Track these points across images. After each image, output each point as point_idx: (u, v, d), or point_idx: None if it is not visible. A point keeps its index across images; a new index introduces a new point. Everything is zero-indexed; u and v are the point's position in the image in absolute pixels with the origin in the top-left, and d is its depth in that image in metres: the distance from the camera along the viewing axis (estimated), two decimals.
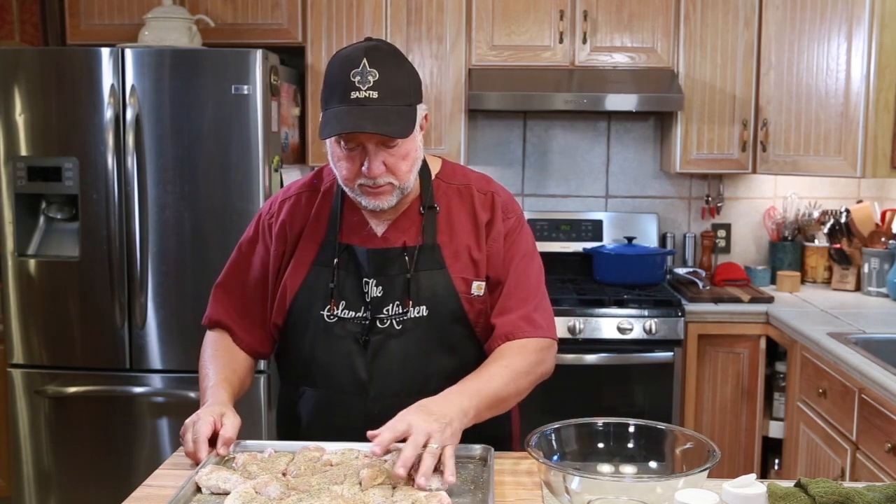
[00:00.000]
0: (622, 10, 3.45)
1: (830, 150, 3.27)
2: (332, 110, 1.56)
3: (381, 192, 1.62)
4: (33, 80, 3.04)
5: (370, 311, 1.68)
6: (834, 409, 2.63)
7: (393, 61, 1.58)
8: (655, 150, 3.84)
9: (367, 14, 3.46)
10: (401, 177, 1.62)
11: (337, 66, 1.57)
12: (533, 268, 1.74)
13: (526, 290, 1.70)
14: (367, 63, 1.54)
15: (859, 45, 3.14)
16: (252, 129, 3.00)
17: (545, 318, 1.71)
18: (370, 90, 1.53)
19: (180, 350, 3.07)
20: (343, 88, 1.54)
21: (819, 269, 3.72)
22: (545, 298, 1.74)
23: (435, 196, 1.73)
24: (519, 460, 1.56)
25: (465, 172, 1.80)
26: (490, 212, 1.74)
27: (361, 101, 1.53)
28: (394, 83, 1.56)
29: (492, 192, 1.77)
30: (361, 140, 1.57)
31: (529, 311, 1.68)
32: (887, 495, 1.31)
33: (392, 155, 1.59)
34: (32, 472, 3.15)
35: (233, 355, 1.77)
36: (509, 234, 1.73)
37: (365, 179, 1.60)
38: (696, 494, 1.21)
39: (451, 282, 1.68)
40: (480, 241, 1.71)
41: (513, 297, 1.69)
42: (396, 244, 1.69)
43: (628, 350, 3.21)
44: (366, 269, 1.69)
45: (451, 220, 1.72)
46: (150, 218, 3.04)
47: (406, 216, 1.71)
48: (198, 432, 1.52)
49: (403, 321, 1.67)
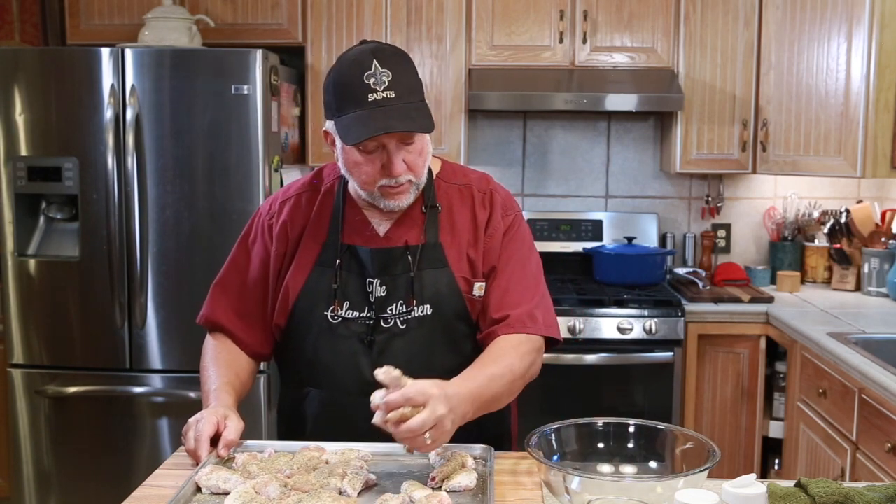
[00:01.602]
0: (622, 10, 3.45)
1: (830, 150, 3.27)
2: (352, 115, 1.55)
3: (401, 192, 1.63)
4: (33, 80, 3.04)
5: (374, 310, 1.68)
6: (834, 409, 2.63)
7: (401, 60, 1.59)
8: (655, 150, 3.84)
9: (367, 14, 3.46)
10: (418, 173, 1.64)
11: (346, 70, 1.57)
12: (531, 265, 1.74)
13: (526, 286, 1.70)
14: (378, 64, 1.54)
15: (859, 45, 3.14)
16: (252, 129, 3.00)
17: (545, 315, 1.70)
18: (387, 90, 1.54)
19: (180, 350, 3.07)
20: (359, 92, 1.54)
21: (819, 269, 3.72)
22: (546, 297, 1.73)
23: (436, 195, 1.73)
24: (519, 460, 1.57)
25: (465, 172, 1.81)
26: (489, 210, 1.74)
27: (381, 103, 1.54)
28: (407, 81, 1.57)
29: (491, 191, 1.77)
30: (383, 141, 1.57)
31: (531, 308, 1.67)
32: (887, 495, 1.31)
33: (410, 152, 1.61)
34: (32, 472, 3.15)
35: (235, 358, 1.77)
36: (508, 231, 1.73)
37: (386, 180, 1.61)
38: (696, 494, 1.21)
39: (455, 280, 1.69)
40: (479, 240, 1.72)
41: (513, 292, 1.69)
42: (399, 244, 1.69)
43: (628, 350, 3.21)
44: (369, 268, 1.69)
45: (452, 220, 1.72)
46: (150, 218, 3.04)
47: (408, 216, 1.71)
48: (200, 431, 1.52)
49: (408, 320, 1.67)
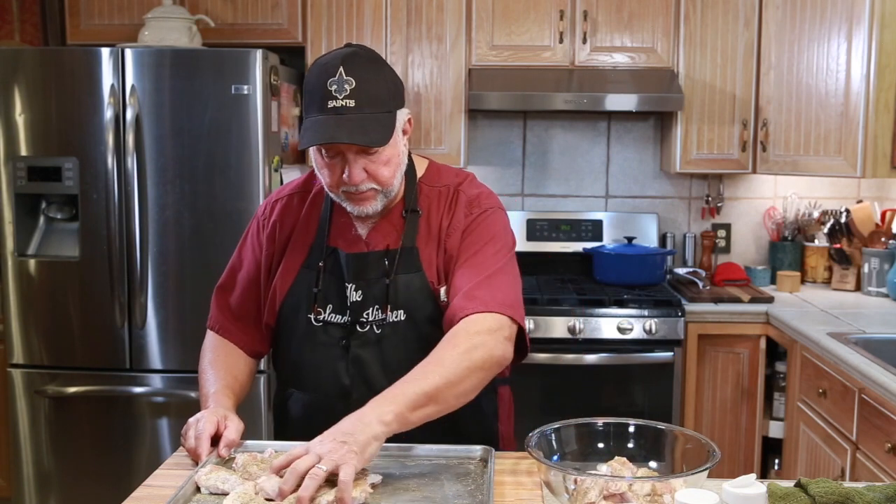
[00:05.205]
0: (622, 10, 3.45)
1: (830, 150, 3.27)
2: (311, 119, 1.56)
3: (364, 198, 1.62)
4: (33, 80, 3.04)
5: (351, 315, 1.68)
6: (834, 409, 2.63)
7: (371, 68, 1.57)
8: (655, 150, 3.84)
9: (367, 14, 3.46)
10: (383, 182, 1.61)
11: (315, 74, 1.57)
12: (488, 251, 1.65)
13: (475, 270, 1.62)
14: (343, 71, 1.54)
15: (859, 45, 3.14)
16: (252, 129, 3.00)
17: (491, 293, 1.58)
18: (347, 99, 1.53)
19: (180, 350, 3.07)
20: (320, 97, 1.54)
21: (819, 269, 3.72)
22: (497, 276, 1.62)
23: (418, 199, 1.72)
24: (519, 460, 1.56)
25: (449, 174, 1.78)
26: (452, 211, 1.70)
27: (338, 110, 1.53)
28: (371, 90, 1.55)
29: (458, 192, 1.72)
30: (341, 149, 1.57)
31: (471, 288, 1.58)
32: (887, 495, 1.31)
33: (373, 161, 1.59)
34: (32, 472, 3.15)
35: (234, 361, 1.77)
36: (468, 227, 1.68)
37: (347, 186, 1.60)
38: (696, 494, 1.21)
39: (428, 285, 1.67)
40: (440, 243, 1.69)
41: (459, 283, 1.62)
42: (379, 247, 1.69)
43: (628, 350, 3.21)
44: (346, 273, 1.69)
45: (430, 224, 1.70)
46: (150, 218, 3.04)
47: (388, 220, 1.70)
48: (201, 430, 1.52)
49: (383, 326, 1.66)
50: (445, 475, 1.48)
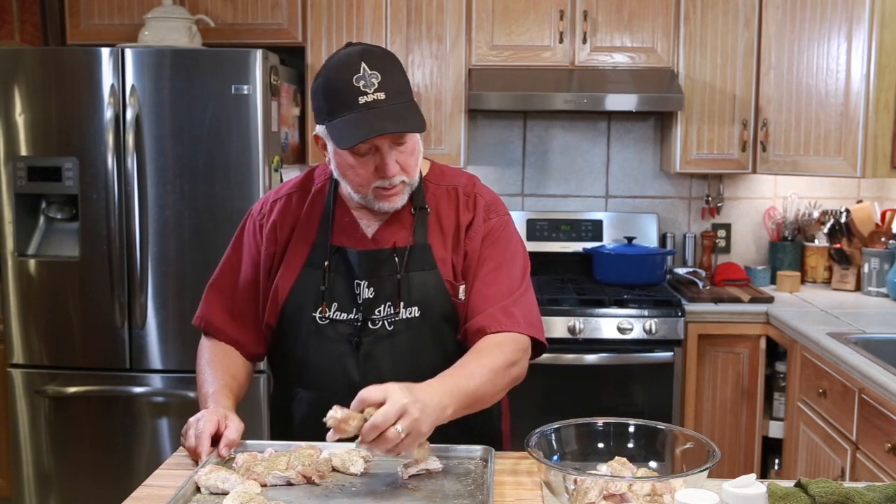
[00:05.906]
0: (622, 10, 3.45)
1: (830, 150, 3.27)
2: (344, 118, 1.55)
3: (394, 193, 1.63)
4: (33, 80, 3.04)
5: (362, 312, 1.68)
6: (834, 409, 2.63)
7: (389, 61, 1.59)
8: (655, 150, 3.84)
9: (367, 14, 3.46)
10: (411, 173, 1.64)
11: (335, 74, 1.57)
12: (515, 267, 1.71)
13: (504, 286, 1.67)
14: (366, 66, 1.54)
15: (859, 45, 3.14)
16: (252, 129, 3.00)
17: (525, 314, 1.66)
18: (377, 92, 1.54)
19: (180, 350, 3.07)
20: (349, 95, 1.54)
21: (819, 269, 3.72)
22: (527, 297, 1.69)
23: (425, 197, 1.73)
24: (519, 460, 1.57)
25: (452, 173, 1.80)
26: (472, 213, 1.73)
27: (372, 105, 1.54)
28: (396, 82, 1.57)
29: (475, 194, 1.75)
30: (375, 143, 1.57)
31: (507, 305, 1.64)
32: (887, 495, 1.31)
33: (402, 153, 1.61)
34: (32, 472, 3.16)
35: (231, 361, 1.77)
36: (489, 234, 1.71)
37: (380, 182, 1.61)
38: (696, 494, 1.21)
39: (443, 283, 1.68)
40: (459, 244, 1.70)
41: (490, 293, 1.66)
42: (387, 245, 1.69)
43: (628, 350, 3.21)
44: (357, 270, 1.69)
45: (440, 222, 1.72)
46: (150, 218, 3.04)
47: (396, 217, 1.71)
48: (201, 429, 1.52)
49: (395, 322, 1.67)
50: (445, 475, 1.48)
